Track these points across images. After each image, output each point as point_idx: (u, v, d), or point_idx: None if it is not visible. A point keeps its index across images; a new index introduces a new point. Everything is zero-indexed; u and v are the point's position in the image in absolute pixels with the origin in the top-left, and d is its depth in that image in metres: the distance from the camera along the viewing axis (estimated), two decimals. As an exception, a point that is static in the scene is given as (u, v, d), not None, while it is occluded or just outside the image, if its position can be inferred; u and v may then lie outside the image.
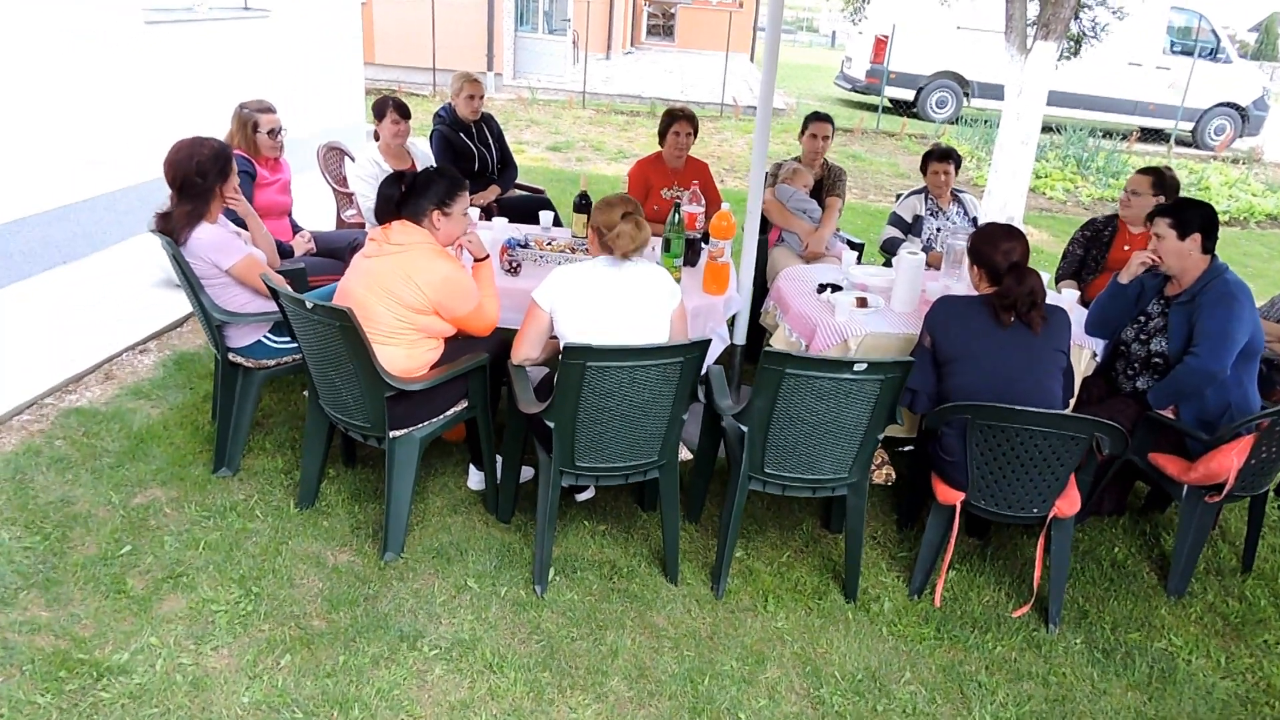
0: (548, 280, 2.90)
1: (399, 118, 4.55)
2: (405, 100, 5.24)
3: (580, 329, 2.82)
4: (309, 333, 2.88)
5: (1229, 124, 15.10)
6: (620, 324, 2.84)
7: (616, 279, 2.89)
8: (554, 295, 2.86)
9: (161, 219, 3.20)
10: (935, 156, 4.73)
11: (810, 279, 3.97)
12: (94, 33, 5.31)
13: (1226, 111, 15.00)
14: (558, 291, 2.86)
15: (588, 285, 2.86)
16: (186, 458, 3.51)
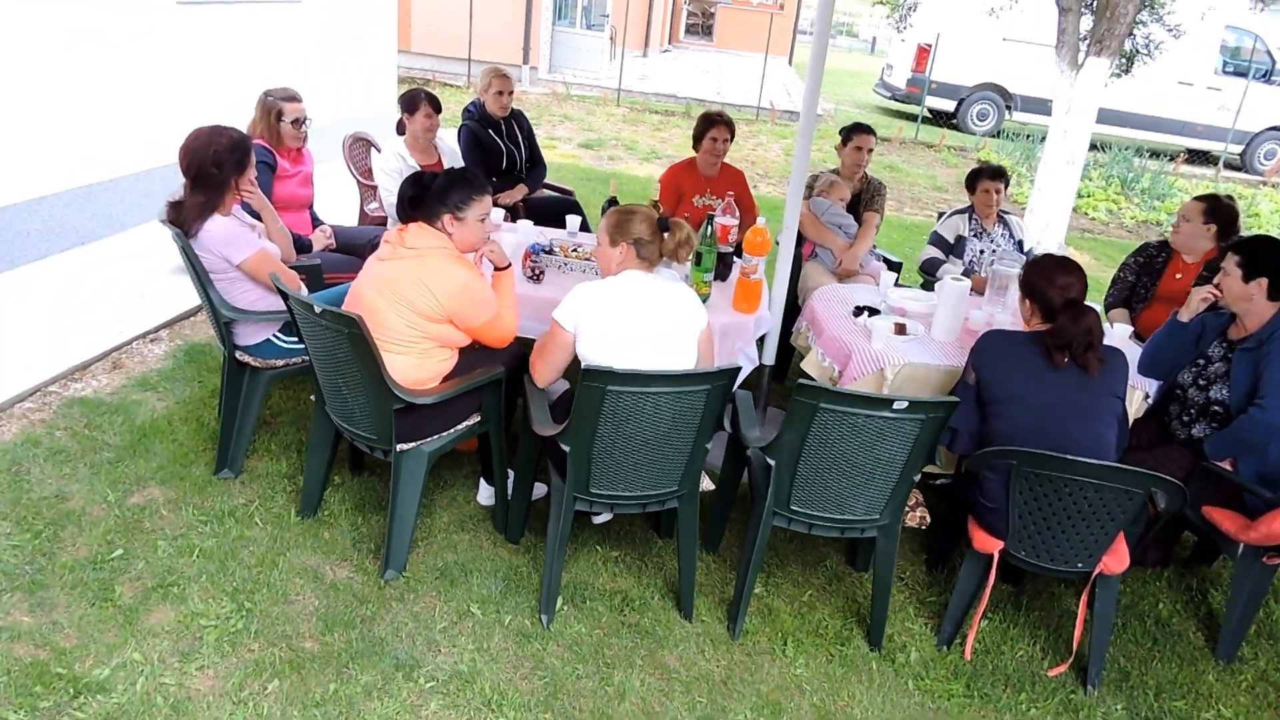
0: (571, 298, 2.74)
1: (432, 111, 4.40)
2: (437, 91, 5.10)
3: (605, 350, 2.66)
4: (317, 337, 2.74)
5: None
6: (647, 345, 2.68)
7: (644, 297, 2.73)
8: (578, 314, 2.70)
9: (173, 209, 3.07)
10: (986, 175, 4.51)
11: (846, 300, 3.78)
12: (125, 10, 5.20)
13: (1278, 136, 14.56)
14: (582, 310, 2.70)
15: (614, 303, 2.70)
16: (188, 456, 3.39)
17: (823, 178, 4.73)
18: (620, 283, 2.75)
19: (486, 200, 2.94)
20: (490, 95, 4.88)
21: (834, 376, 3.42)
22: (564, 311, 2.73)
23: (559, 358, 2.78)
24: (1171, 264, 4.14)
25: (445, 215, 2.84)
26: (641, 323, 2.70)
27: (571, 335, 2.72)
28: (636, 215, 2.83)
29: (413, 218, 2.87)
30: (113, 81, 5.19)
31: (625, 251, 2.80)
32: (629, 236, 2.79)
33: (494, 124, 4.96)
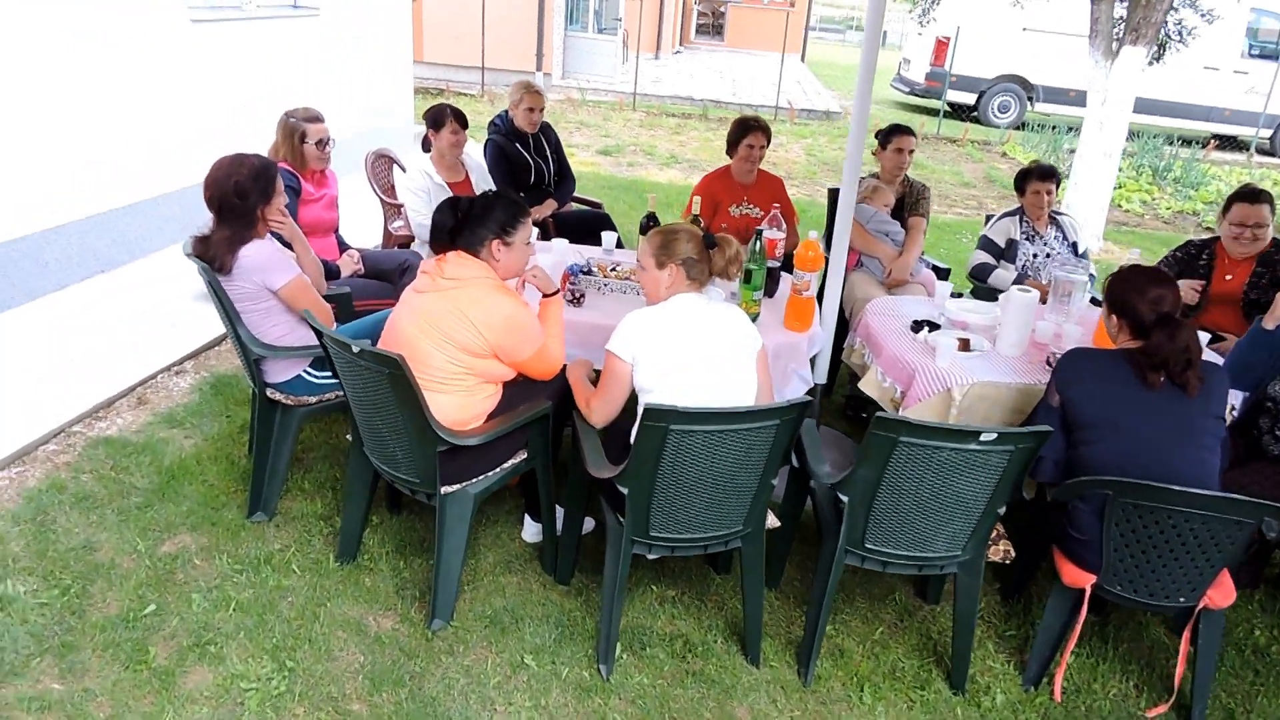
0: (625, 328, 2.57)
1: (459, 127, 4.24)
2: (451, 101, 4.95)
3: (661, 378, 2.50)
4: (355, 377, 2.58)
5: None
6: (705, 372, 2.52)
7: (700, 322, 2.57)
8: (634, 344, 2.53)
9: (199, 243, 2.91)
10: (1036, 175, 4.31)
11: (901, 314, 3.58)
12: (137, 32, 5.07)
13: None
14: (639, 339, 2.53)
15: (670, 330, 2.54)
16: (219, 498, 3.23)
17: (864, 183, 4.54)
18: (674, 308, 2.59)
19: (529, 223, 2.78)
20: (521, 111, 4.71)
21: (895, 398, 3.23)
22: (619, 343, 2.56)
23: (618, 393, 2.61)
24: (1218, 264, 3.92)
25: (492, 241, 2.67)
26: (699, 349, 2.54)
27: (629, 366, 2.55)
28: (681, 234, 2.66)
29: (450, 246, 2.71)
30: (128, 104, 5.06)
31: (674, 273, 2.63)
32: (676, 257, 2.62)
33: (522, 138, 4.79)
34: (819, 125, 13.34)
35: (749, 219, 4.54)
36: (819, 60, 25.50)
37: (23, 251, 4.46)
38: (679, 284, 2.63)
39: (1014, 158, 12.04)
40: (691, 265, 2.63)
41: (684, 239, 2.65)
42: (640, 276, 2.73)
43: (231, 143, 5.96)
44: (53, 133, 4.58)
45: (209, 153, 2.93)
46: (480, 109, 12.50)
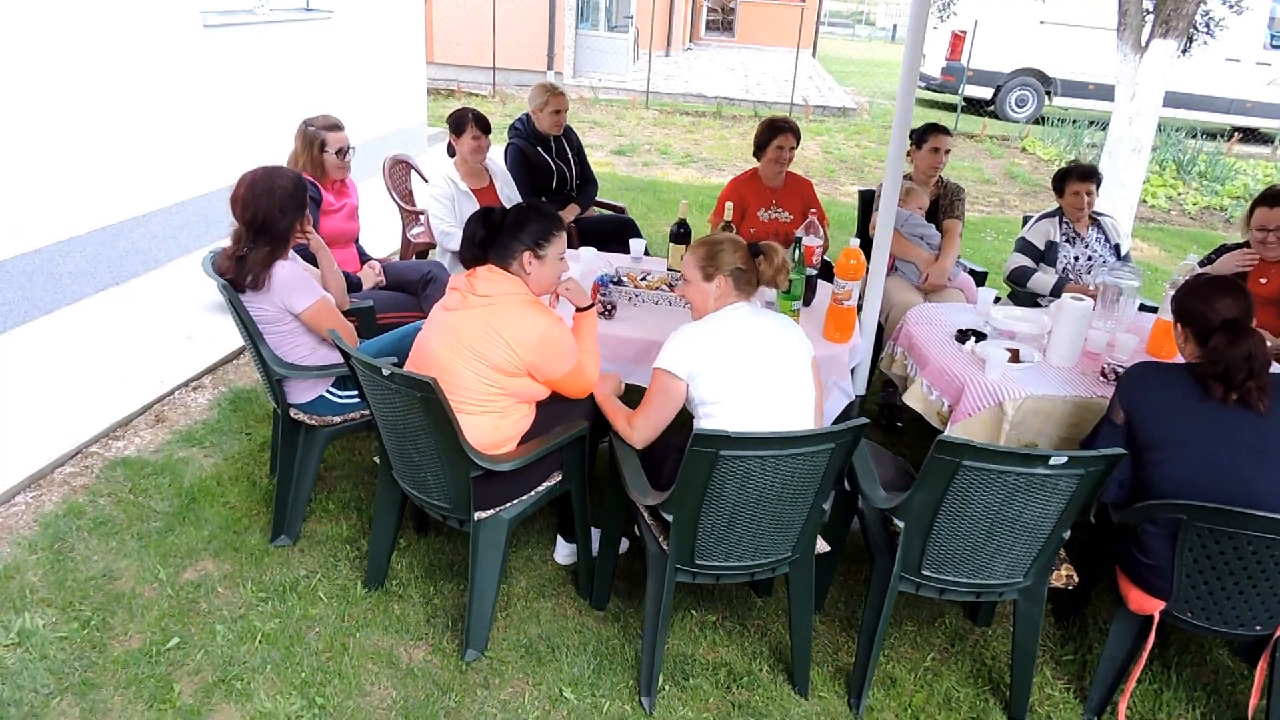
0: (679, 344, 2.48)
1: (480, 133, 4.13)
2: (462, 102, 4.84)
3: (725, 395, 2.42)
4: (384, 401, 2.46)
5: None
6: (768, 386, 2.45)
7: (755, 332, 2.49)
8: (692, 360, 2.44)
9: (232, 263, 2.79)
10: (1076, 176, 4.16)
11: (944, 322, 3.45)
12: (149, 38, 4.98)
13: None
14: (696, 355, 2.44)
15: (727, 344, 2.46)
16: (241, 521, 3.13)
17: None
18: (727, 321, 2.50)
19: (564, 236, 2.66)
20: (545, 114, 4.58)
21: (942, 411, 3.10)
22: (674, 359, 2.46)
23: (667, 412, 2.50)
24: (1252, 269, 3.77)
25: (524, 253, 2.56)
26: (757, 361, 2.46)
27: (684, 384, 2.45)
28: (726, 244, 2.57)
29: (480, 260, 2.60)
30: (140, 111, 4.97)
31: (722, 285, 2.54)
32: (724, 268, 2.53)
33: (543, 141, 4.67)
34: (835, 122, 13.18)
35: (778, 223, 4.41)
36: (829, 55, 25.31)
37: (36, 265, 4.37)
38: (727, 295, 2.55)
39: (1034, 153, 11.87)
40: (739, 276, 2.54)
41: (729, 249, 2.55)
42: (686, 290, 2.61)
43: (245, 149, 5.92)
44: (64, 143, 4.49)
45: (222, 160, 2.84)
46: (491, 109, 12.38)
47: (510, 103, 12.97)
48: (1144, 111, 7.29)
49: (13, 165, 4.21)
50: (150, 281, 5.02)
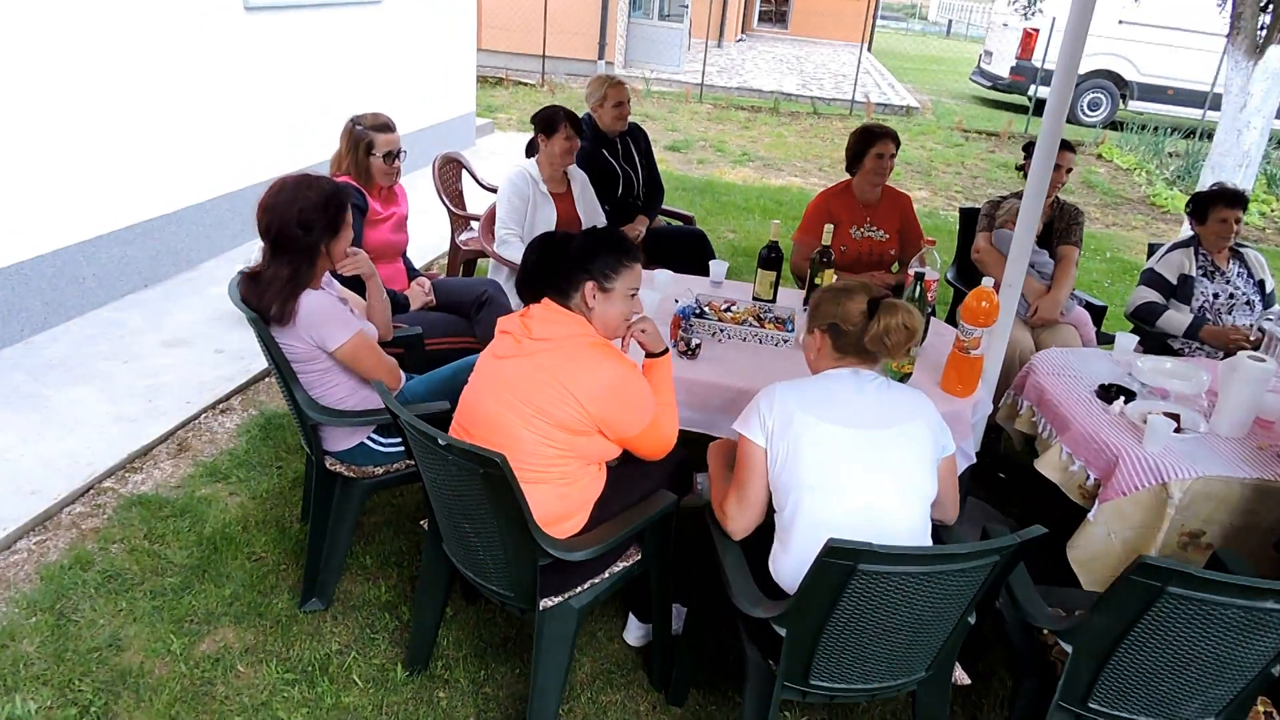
0: (762, 405, 2.05)
1: (573, 133, 3.71)
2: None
3: (802, 483, 1.97)
4: (436, 470, 2.05)
5: None
6: (873, 479, 1.97)
7: (864, 404, 2.02)
8: (773, 426, 2.01)
9: (250, 285, 2.40)
10: (1224, 201, 3.64)
11: (1079, 373, 2.98)
12: (187, 22, 4.61)
13: None
14: (780, 420, 2.00)
15: (824, 414, 1.99)
16: (268, 579, 2.75)
17: (1007, 205, 3.91)
18: (821, 388, 2.06)
19: (638, 270, 2.23)
20: (607, 109, 4.14)
21: (1085, 485, 2.63)
22: (752, 423, 2.06)
23: (756, 491, 2.06)
24: None
25: (587, 284, 2.13)
26: (868, 446, 1.98)
27: (763, 451, 2.02)
28: (834, 294, 2.10)
29: (537, 295, 2.17)
30: (174, 100, 4.61)
31: (820, 341, 2.13)
32: (821, 320, 2.10)
33: (607, 142, 4.23)
34: (898, 122, 12.58)
35: (872, 243, 3.94)
36: (884, 50, 24.55)
37: (57, 267, 4.03)
38: (825, 355, 2.11)
39: (1111, 160, 11.20)
40: (837, 334, 2.07)
41: (832, 299, 2.08)
42: (805, 341, 2.19)
43: (285, 141, 5.56)
44: (89, 136, 4.14)
45: (260, 153, 2.44)
46: (540, 99, 11.96)
47: (560, 92, 12.55)
48: (1254, 123, 6.69)
49: (34, 160, 3.87)
50: (181, 285, 4.67)
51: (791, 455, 1.98)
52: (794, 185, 8.69)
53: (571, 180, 3.90)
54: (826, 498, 1.96)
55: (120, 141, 4.28)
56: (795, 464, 1.98)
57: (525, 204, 3.70)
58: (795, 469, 1.98)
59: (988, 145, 11.54)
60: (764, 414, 2.04)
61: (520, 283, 2.24)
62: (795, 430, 1.98)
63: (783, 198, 7.99)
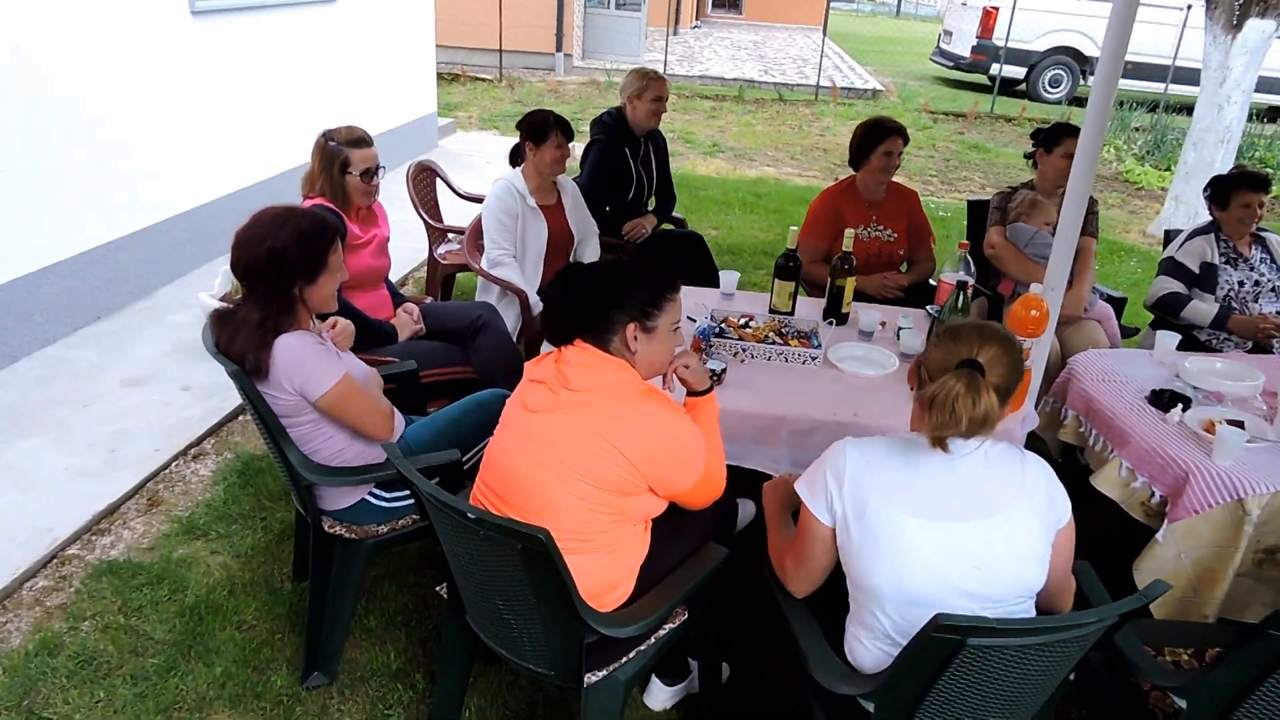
0: (829, 479, 1.72)
1: (564, 140, 3.44)
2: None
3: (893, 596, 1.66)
4: (463, 545, 1.80)
5: None
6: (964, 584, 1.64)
7: (957, 487, 1.66)
8: (843, 510, 1.70)
9: (221, 328, 2.12)
10: (1246, 184, 3.50)
11: (1123, 377, 2.80)
12: (128, 28, 4.25)
13: None
14: (852, 505, 1.69)
15: (905, 502, 1.65)
16: (263, 652, 2.47)
17: (1020, 196, 3.72)
18: (906, 461, 1.70)
19: (679, 301, 1.99)
20: (644, 104, 3.90)
21: (1150, 503, 2.45)
22: (819, 500, 1.74)
23: (822, 563, 1.79)
24: None
25: (629, 326, 1.89)
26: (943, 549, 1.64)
27: (830, 530, 1.74)
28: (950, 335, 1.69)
29: (568, 337, 1.92)
30: (118, 116, 4.25)
31: (917, 405, 1.77)
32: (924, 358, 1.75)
33: (631, 141, 3.98)
34: (864, 106, 12.45)
35: (880, 243, 3.75)
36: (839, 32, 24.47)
37: (3, 304, 3.67)
38: (919, 417, 1.73)
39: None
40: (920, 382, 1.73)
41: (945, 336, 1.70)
42: None
43: (242, 153, 5.21)
44: (28, 156, 3.77)
45: (217, 167, 2.14)
46: (499, 95, 11.63)
47: (518, 87, 12.20)
48: (1234, 98, 6.62)
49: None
50: (137, 315, 4.33)
51: (869, 547, 1.66)
52: (768, 176, 8.49)
53: (562, 191, 3.64)
54: (906, 610, 1.66)
55: (61, 162, 3.93)
56: (872, 562, 1.66)
57: (515, 221, 3.44)
58: (871, 569, 1.67)
59: (956, 127, 11.45)
60: (832, 492, 1.72)
61: (547, 326, 1.97)
62: (869, 520, 1.66)
63: (760, 189, 7.78)
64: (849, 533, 1.68)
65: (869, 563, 1.65)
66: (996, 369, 1.64)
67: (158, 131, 4.49)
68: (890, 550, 1.63)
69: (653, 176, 4.12)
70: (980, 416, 1.59)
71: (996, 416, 1.62)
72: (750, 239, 6.37)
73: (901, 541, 1.63)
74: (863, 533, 1.66)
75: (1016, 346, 1.71)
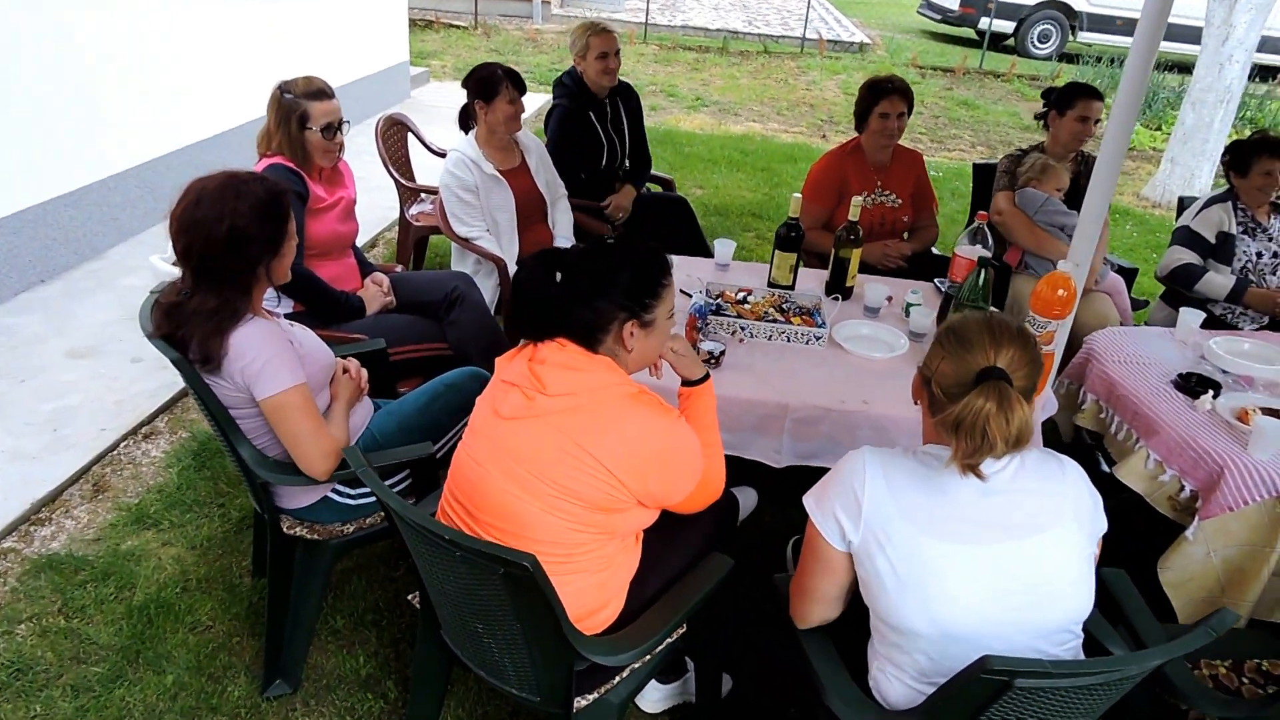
0: (844, 501, 1.50)
1: (516, 94, 3.15)
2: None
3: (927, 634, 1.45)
4: (439, 566, 1.58)
5: None
6: (1015, 587, 1.43)
7: (991, 507, 1.45)
8: (862, 540, 1.48)
9: (166, 318, 1.88)
10: (1268, 150, 3.30)
11: (1147, 359, 2.62)
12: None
13: None
14: (874, 534, 1.46)
15: (934, 527, 1.44)
16: (219, 658, 2.26)
17: (1031, 160, 3.51)
18: (932, 482, 1.47)
19: (674, 284, 1.77)
20: (592, 62, 3.60)
21: (1178, 497, 2.28)
22: (829, 524, 1.51)
23: (827, 588, 1.58)
24: None
25: (626, 324, 1.66)
26: (981, 574, 1.43)
27: (843, 556, 1.53)
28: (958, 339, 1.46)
29: (545, 332, 1.69)
30: (63, 64, 3.90)
31: (921, 399, 1.57)
32: (925, 366, 1.54)
33: (595, 103, 3.69)
34: (851, 59, 12.11)
35: (884, 210, 3.53)
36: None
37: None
38: (929, 425, 1.55)
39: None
40: (932, 398, 1.50)
41: (947, 340, 1.49)
42: None
43: (197, 105, 4.85)
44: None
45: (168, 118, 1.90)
46: (474, 43, 11.19)
47: (495, 35, 11.75)
48: (1236, 57, 6.41)
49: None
50: (84, 278, 4.03)
51: (896, 583, 1.44)
52: (755, 131, 8.21)
53: (525, 151, 3.34)
54: (945, 646, 1.45)
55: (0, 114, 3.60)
56: (902, 599, 1.45)
57: (475, 195, 3.15)
58: (900, 607, 1.45)
59: (945, 82, 11.16)
60: (843, 517, 1.49)
61: (518, 318, 1.73)
62: (895, 552, 1.44)
63: (746, 147, 7.50)
64: (873, 565, 1.47)
65: (898, 600, 1.45)
66: (1019, 371, 1.43)
67: (108, 80, 4.15)
68: (923, 585, 1.43)
69: (624, 138, 3.83)
70: (1015, 435, 1.38)
71: (1031, 428, 1.41)
72: (738, 199, 6.12)
73: (935, 573, 1.42)
74: (889, 566, 1.44)
75: (1031, 340, 1.49)
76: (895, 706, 1.52)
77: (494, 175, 3.17)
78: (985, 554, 1.42)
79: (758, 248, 5.19)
